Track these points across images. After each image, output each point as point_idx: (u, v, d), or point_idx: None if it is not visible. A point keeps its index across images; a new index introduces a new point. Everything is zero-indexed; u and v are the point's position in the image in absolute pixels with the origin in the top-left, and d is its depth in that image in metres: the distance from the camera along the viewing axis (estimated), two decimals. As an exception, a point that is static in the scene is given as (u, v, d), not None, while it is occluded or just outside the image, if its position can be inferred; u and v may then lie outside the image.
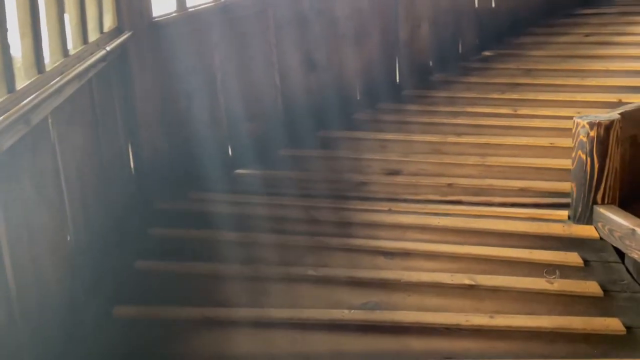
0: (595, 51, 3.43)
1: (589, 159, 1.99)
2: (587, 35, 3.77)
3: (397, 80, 3.80)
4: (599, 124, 1.96)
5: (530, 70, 3.54)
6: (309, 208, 2.45)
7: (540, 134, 2.76)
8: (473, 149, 2.80)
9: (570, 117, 2.76)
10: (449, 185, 2.53)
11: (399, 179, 2.67)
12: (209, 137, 2.81)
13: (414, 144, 2.98)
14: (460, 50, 4.15)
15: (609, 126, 1.96)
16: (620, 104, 2.76)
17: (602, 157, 1.97)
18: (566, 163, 2.46)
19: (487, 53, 4.12)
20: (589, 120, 1.98)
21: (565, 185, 2.33)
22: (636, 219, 1.83)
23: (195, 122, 2.76)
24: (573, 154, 2.05)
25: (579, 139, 2.01)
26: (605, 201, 2.00)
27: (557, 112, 2.88)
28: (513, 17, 4.36)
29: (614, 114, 2.02)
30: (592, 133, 1.97)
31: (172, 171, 2.62)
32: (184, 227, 2.31)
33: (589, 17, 4.16)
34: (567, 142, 2.61)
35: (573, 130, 2.05)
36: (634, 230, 1.77)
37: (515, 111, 3.02)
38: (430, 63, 3.98)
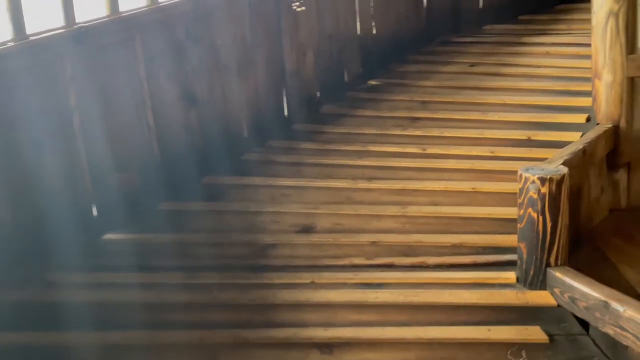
0: (487, 83, 3.37)
1: (540, 218, 1.77)
2: (472, 65, 3.73)
3: (286, 114, 3.43)
4: (550, 180, 1.75)
5: (425, 102, 3.37)
6: (207, 287, 1.95)
7: (457, 177, 2.54)
8: (389, 196, 2.50)
9: (485, 157, 2.65)
10: (373, 243, 2.19)
11: (314, 237, 2.27)
12: (66, 196, 2.20)
13: (321, 192, 2.61)
14: (346, 79, 3.91)
15: (560, 181, 1.76)
16: (530, 141, 2.67)
17: (555, 215, 1.77)
18: (493, 212, 2.27)
19: (373, 82, 3.92)
20: (539, 175, 1.76)
21: (499, 239, 2.12)
22: (606, 288, 1.64)
23: (47, 177, 2.14)
24: (521, 212, 1.82)
25: (528, 196, 1.79)
26: (559, 262, 1.80)
27: (469, 152, 2.70)
28: (394, 43, 4.24)
29: (561, 167, 1.83)
30: (544, 189, 1.75)
31: (16, 246, 1.98)
32: (24, 329, 1.69)
33: (467, 45, 4.16)
34: (488, 186, 2.44)
35: (520, 185, 1.82)
36: (606, 302, 1.57)
37: (424, 150, 2.79)
38: (318, 94, 3.67)
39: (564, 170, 1.79)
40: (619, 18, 2.28)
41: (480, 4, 4.70)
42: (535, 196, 1.77)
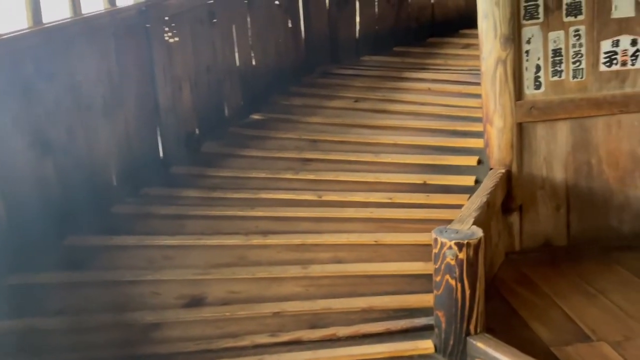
0: (375, 121, 3.28)
1: (459, 285, 1.64)
2: (356, 100, 3.64)
3: (162, 155, 3.06)
4: (468, 245, 1.62)
5: (315, 141, 3.19)
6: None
7: (358, 228, 2.37)
8: (287, 253, 2.25)
9: (384, 204, 2.51)
10: (276, 314, 1.92)
11: (206, 312, 1.95)
12: None
13: (209, 252, 2.29)
14: (227, 114, 3.63)
15: (477, 245, 1.64)
16: (426, 186, 2.58)
17: (473, 281, 1.65)
18: (400, 267, 2.12)
19: (256, 116, 3.68)
20: (456, 241, 1.63)
21: (411, 300, 1.96)
22: (529, 359, 1.54)
23: None
24: (438, 278, 1.67)
25: (445, 262, 1.65)
26: (477, 330, 1.68)
27: (367, 198, 2.55)
28: (275, 75, 4.05)
29: (475, 229, 1.72)
30: (462, 255, 1.63)
31: None
32: None
33: (349, 78, 4.09)
34: (391, 237, 2.29)
35: (435, 250, 1.68)
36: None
37: (321, 197, 2.60)
38: (197, 130, 3.35)
39: (479, 233, 1.68)
40: (507, 65, 2.28)
41: (357, 34, 4.68)
42: (452, 262, 1.63)
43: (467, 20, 4.81)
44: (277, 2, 4.18)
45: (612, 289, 2.17)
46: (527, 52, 2.30)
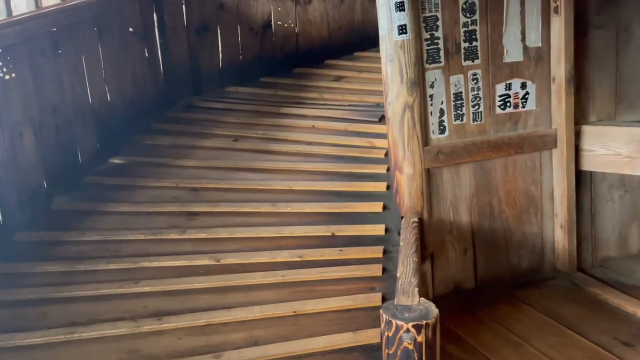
0: (262, 163, 2.97)
1: (419, 371, 1.43)
2: (235, 139, 3.30)
3: (1, 219, 2.44)
4: (426, 325, 1.42)
5: (197, 190, 2.79)
6: None
7: (270, 297, 2.03)
8: (191, 339, 1.85)
9: (295, 264, 2.22)
10: None
11: None
12: None
13: (85, 348, 1.79)
14: (80, 160, 3.07)
15: (434, 325, 1.45)
16: (335, 238, 2.35)
17: (432, 362, 1.45)
18: (329, 342, 1.85)
19: (117, 160, 3.16)
20: (414, 322, 1.41)
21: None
22: None
23: None
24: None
25: (402, 347, 1.42)
26: (441, 414, 1.48)
27: (274, 258, 2.23)
28: (133, 110, 3.56)
29: (426, 302, 1.52)
30: (420, 338, 1.42)
31: None
32: None
33: (219, 112, 3.73)
34: (311, 305, 2.00)
35: (386, 333, 1.44)
36: None
37: (219, 261, 2.22)
38: (45, 183, 2.76)
39: (434, 310, 1.49)
40: (414, 110, 2.16)
41: (220, 64, 4.36)
42: (410, 347, 1.41)
43: (331, 51, 4.76)
44: (131, 30, 3.70)
45: (532, 335, 2.14)
46: (431, 96, 2.21)
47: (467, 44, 2.21)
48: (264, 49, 4.61)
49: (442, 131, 2.25)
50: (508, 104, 2.35)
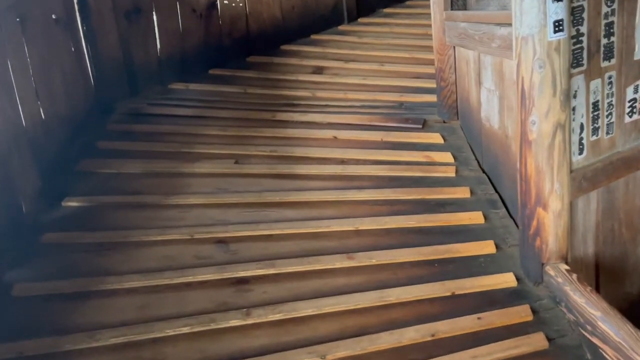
0: (288, 195, 2.24)
1: None
2: (236, 161, 2.52)
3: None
4: None
5: (223, 242, 2.03)
6: None
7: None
8: None
9: (422, 348, 1.62)
10: None
11: None
12: None
13: None
14: (24, 210, 2.14)
15: None
16: (455, 298, 1.79)
17: None
18: None
19: (72, 203, 2.28)
20: None
21: None
22: None
23: None
24: None
25: None
26: None
27: (395, 342, 1.62)
28: (70, 127, 2.67)
29: None
30: None
31: None
32: None
33: (183, 121, 2.86)
34: None
35: None
36: None
37: (325, 359, 1.56)
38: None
39: None
40: (566, 130, 1.65)
41: (158, 54, 3.47)
42: None
43: (285, 35, 4.06)
44: (54, 17, 2.71)
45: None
46: (573, 109, 1.72)
47: (606, 40, 1.74)
48: (210, 35, 3.78)
49: (580, 151, 1.77)
50: (634, 110, 1.94)
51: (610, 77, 1.81)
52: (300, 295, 1.78)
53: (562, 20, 1.56)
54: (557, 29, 1.56)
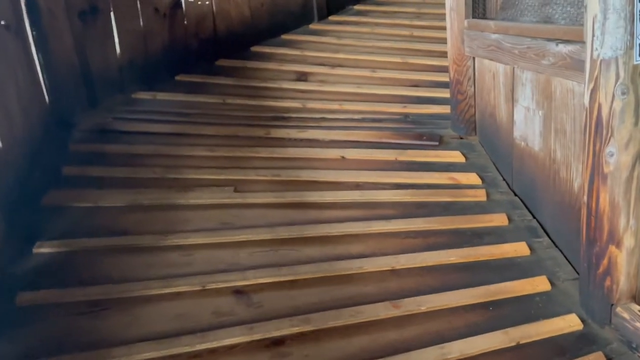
0: (305, 229, 1.99)
1: None
2: (235, 189, 2.22)
3: None
4: None
5: (244, 293, 1.75)
6: None
7: None
8: None
9: None
10: None
11: None
12: None
13: None
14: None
15: None
16: (521, 349, 1.61)
17: None
18: None
19: (45, 249, 1.90)
20: None
21: None
22: None
23: None
24: None
25: None
26: None
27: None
28: (30, 155, 2.26)
29: None
30: None
31: None
32: None
33: (157, 140, 2.53)
34: None
35: None
36: None
37: None
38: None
39: None
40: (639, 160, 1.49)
41: (119, 60, 3.08)
42: None
43: (255, 35, 3.76)
44: (3, 23, 2.29)
45: None
46: None
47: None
48: (175, 36, 3.42)
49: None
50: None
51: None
52: (348, 356, 1.53)
53: (648, 41, 1.40)
54: (643, 51, 1.40)
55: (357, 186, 2.20)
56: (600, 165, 1.50)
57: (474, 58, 2.23)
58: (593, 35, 1.42)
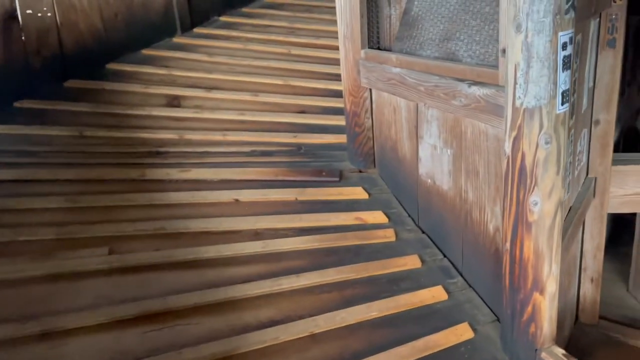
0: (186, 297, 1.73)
1: None
2: (110, 253, 1.85)
3: None
4: None
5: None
6: None
7: None
8: None
9: None
10: None
11: None
12: None
13: None
14: None
15: None
16: None
17: None
18: None
19: None
20: None
21: None
22: None
23: None
24: None
25: None
26: None
27: None
28: None
29: None
30: None
31: None
32: None
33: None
34: None
35: None
36: None
37: None
38: None
39: None
40: (564, 209, 1.48)
41: None
42: None
43: (110, 50, 3.33)
44: None
45: None
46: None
47: (573, 98, 1.62)
48: (11, 54, 2.90)
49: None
50: (578, 163, 1.89)
51: (571, 136, 1.71)
52: None
53: (568, 90, 1.37)
54: (564, 99, 1.37)
55: (257, 234, 1.97)
56: (524, 214, 1.46)
57: (371, 89, 2.12)
58: (515, 83, 1.36)
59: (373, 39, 2.07)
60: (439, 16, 1.82)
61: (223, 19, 3.89)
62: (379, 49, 2.07)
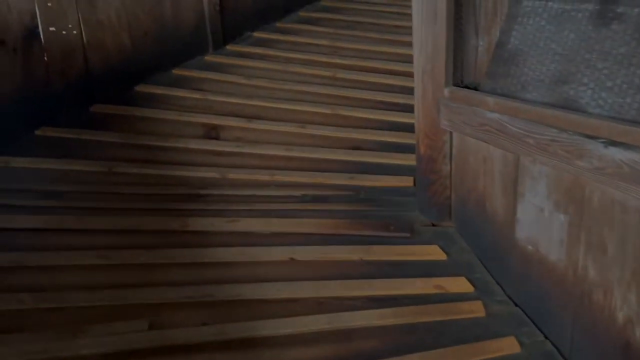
0: None
1: None
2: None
3: None
4: None
5: None
6: None
7: None
8: None
9: None
10: None
11: None
12: None
13: None
14: None
15: None
16: None
17: None
18: None
19: None
20: None
21: None
22: None
23: None
24: None
25: None
26: None
27: None
28: None
29: None
30: None
31: None
32: None
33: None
34: None
35: None
36: None
37: None
38: None
39: None
40: None
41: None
42: None
43: (138, 69, 3.06)
44: None
45: None
46: None
47: None
48: (32, 77, 2.64)
49: None
50: None
51: None
52: None
53: None
54: None
55: (320, 305, 1.66)
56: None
57: (451, 133, 1.81)
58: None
59: (457, 74, 1.76)
60: (550, 52, 1.51)
61: (257, 34, 3.61)
62: (463, 86, 1.77)
